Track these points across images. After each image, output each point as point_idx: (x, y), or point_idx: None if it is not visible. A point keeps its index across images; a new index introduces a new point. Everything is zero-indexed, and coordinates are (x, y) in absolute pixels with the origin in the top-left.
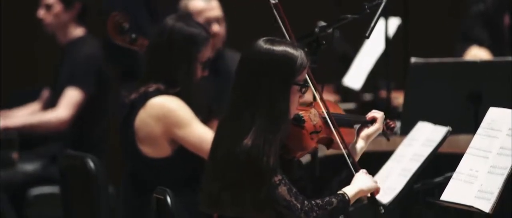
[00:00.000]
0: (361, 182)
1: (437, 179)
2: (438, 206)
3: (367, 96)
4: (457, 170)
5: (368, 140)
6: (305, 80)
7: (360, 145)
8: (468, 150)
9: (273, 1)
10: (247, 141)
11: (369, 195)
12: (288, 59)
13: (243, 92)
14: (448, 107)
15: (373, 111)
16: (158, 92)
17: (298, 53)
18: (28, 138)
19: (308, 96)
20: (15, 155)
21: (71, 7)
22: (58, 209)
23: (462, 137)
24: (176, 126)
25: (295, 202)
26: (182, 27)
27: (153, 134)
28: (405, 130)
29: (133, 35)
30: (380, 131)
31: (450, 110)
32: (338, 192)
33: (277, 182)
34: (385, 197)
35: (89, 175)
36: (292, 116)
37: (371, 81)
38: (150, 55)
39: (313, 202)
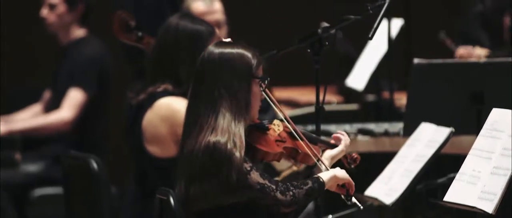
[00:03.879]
0: (335, 170)
1: (440, 180)
2: (441, 207)
3: (370, 97)
4: (460, 171)
5: (332, 161)
6: (265, 74)
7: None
8: (471, 151)
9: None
10: (214, 135)
11: (346, 192)
12: (243, 55)
13: (204, 93)
14: (451, 108)
15: (339, 131)
16: (166, 93)
17: (251, 51)
18: (31, 139)
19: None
20: (17, 156)
21: (75, 8)
22: (61, 209)
23: (465, 138)
24: (181, 126)
25: (269, 184)
26: (187, 24)
27: (160, 134)
28: (408, 131)
29: (139, 34)
30: (344, 153)
31: (453, 110)
32: (313, 176)
33: (248, 169)
34: (388, 198)
35: (91, 175)
36: (256, 111)
37: (374, 82)
38: (156, 54)
39: (288, 183)
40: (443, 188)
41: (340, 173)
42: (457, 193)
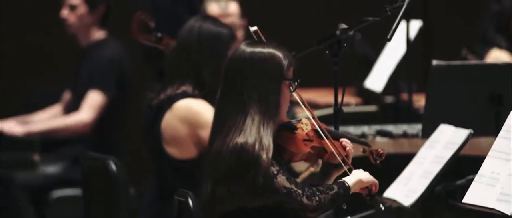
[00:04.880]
0: (360, 173)
1: (459, 182)
2: (460, 208)
3: (389, 99)
4: (478, 172)
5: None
6: (295, 76)
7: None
8: (490, 153)
9: (252, 28)
10: (242, 137)
11: (367, 192)
12: (274, 56)
13: (233, 93)
14: (470, 109)
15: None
16: (185, 95)
17: (283, 51)
18: (50, 140)
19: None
20: (36, 157)
21: (95, 9)
22: (79, 210)
23: (483, 140)
24: (201, 127)
25: (295, 188)
26: (209, 27)
27: (179, 136)
28: (427, 133)
29: (159, 35)
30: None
31: (471, 112)
32: (338, 181)
33: (275, 172)
34: (406, 199)
35: (110, 177)
36: (284, 112)
37: (392, 83)
38: (176, 55)
39: (313, 188)
40: (461, 189)
41: (365, 176)
42: (476, 195)
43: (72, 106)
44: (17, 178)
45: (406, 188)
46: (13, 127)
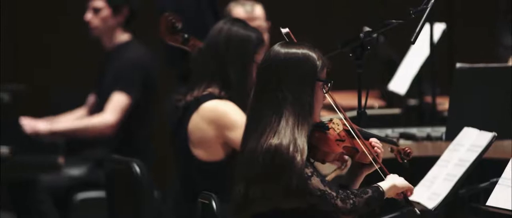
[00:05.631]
0: (394, 178)
1: (483, 185)
2: (483, 211)
3: (412, 102)
4: (502, 175)
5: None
6: (328, 77)
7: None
8: None
9: (284, 30)
10: (276, 138)
11: (403, 197)
12: (309, 57)
13: (268, 94)
14: (494, 112)
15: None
16: (211, 97)
17: (317, 52)
18: (74, 142)
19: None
20: (61, 159)
21: (119, 12)
22: (103, 213)
23: (507, 142)
24: (228, 128)
25: (329, 190)
26: (239, 29)
27: (206, 137)
28: (450, 136)
29: (186, 35)
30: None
31: (495, 115)
32: (372, 185)
33: (309, 174)
34: (430, 202)
35: (134, 179)
36: (317, 113)
37: (416, 86)
38: (204, 56)
39: (347, 191)
40: (485, 192)
41: (399, 181)
42: (500, 197)
43: (97, 109)
44: (42, 181)
45: (430, 191)
46: (36, 124)
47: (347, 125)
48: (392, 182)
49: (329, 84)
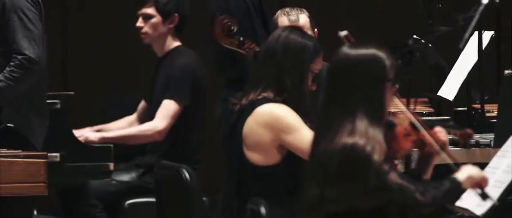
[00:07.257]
0: (469, 168)
1: None
2: None
3: (461, 108)
4: None
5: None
6: (396, 77)
7: None
8: None
9: (343, 33)
10: (351, 138)
11: (478, 186)
12: (378, 58)
13: (339, 96)
14: None
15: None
16: (266, 100)
17: (385, 52)
18: (124, 148)
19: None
20: (111, 165)
21: (169, 19)
22: None
23: None
24: (284, 131)
25: (407, 184)
26: (297, 37)
27: (262, 141)
28: (499, 142)
29: (241, 38)
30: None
31: None
32: (449, 177)
33: (387, 170)
34: (478, 209)
35: (184, 185)
36: (386, 112)
37: (464, 93)
38: (262, 61)
39: (425, 184)
40: None
41: (475, 171)
42: None
43: (147, 116)
44: (92, 186)
45: (479, 197)
46: (88, 134)
47: (413, 118)
48: (468, 172)
49: (397, 84)
